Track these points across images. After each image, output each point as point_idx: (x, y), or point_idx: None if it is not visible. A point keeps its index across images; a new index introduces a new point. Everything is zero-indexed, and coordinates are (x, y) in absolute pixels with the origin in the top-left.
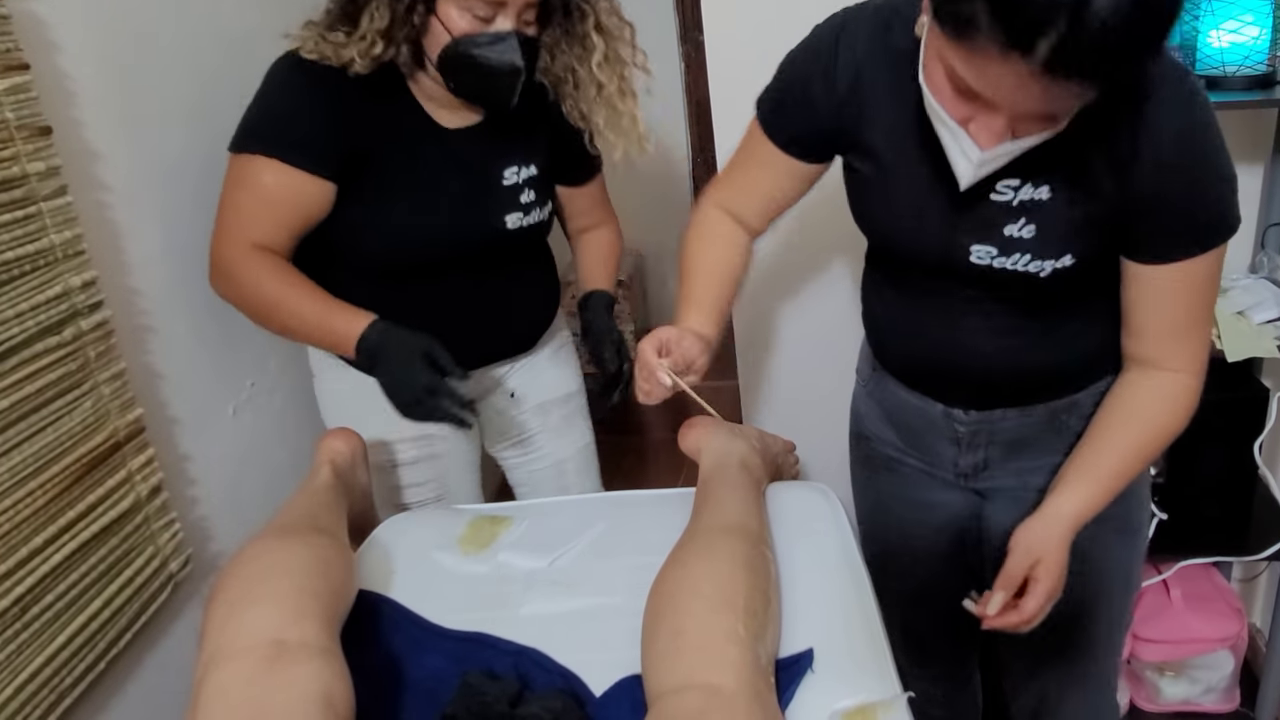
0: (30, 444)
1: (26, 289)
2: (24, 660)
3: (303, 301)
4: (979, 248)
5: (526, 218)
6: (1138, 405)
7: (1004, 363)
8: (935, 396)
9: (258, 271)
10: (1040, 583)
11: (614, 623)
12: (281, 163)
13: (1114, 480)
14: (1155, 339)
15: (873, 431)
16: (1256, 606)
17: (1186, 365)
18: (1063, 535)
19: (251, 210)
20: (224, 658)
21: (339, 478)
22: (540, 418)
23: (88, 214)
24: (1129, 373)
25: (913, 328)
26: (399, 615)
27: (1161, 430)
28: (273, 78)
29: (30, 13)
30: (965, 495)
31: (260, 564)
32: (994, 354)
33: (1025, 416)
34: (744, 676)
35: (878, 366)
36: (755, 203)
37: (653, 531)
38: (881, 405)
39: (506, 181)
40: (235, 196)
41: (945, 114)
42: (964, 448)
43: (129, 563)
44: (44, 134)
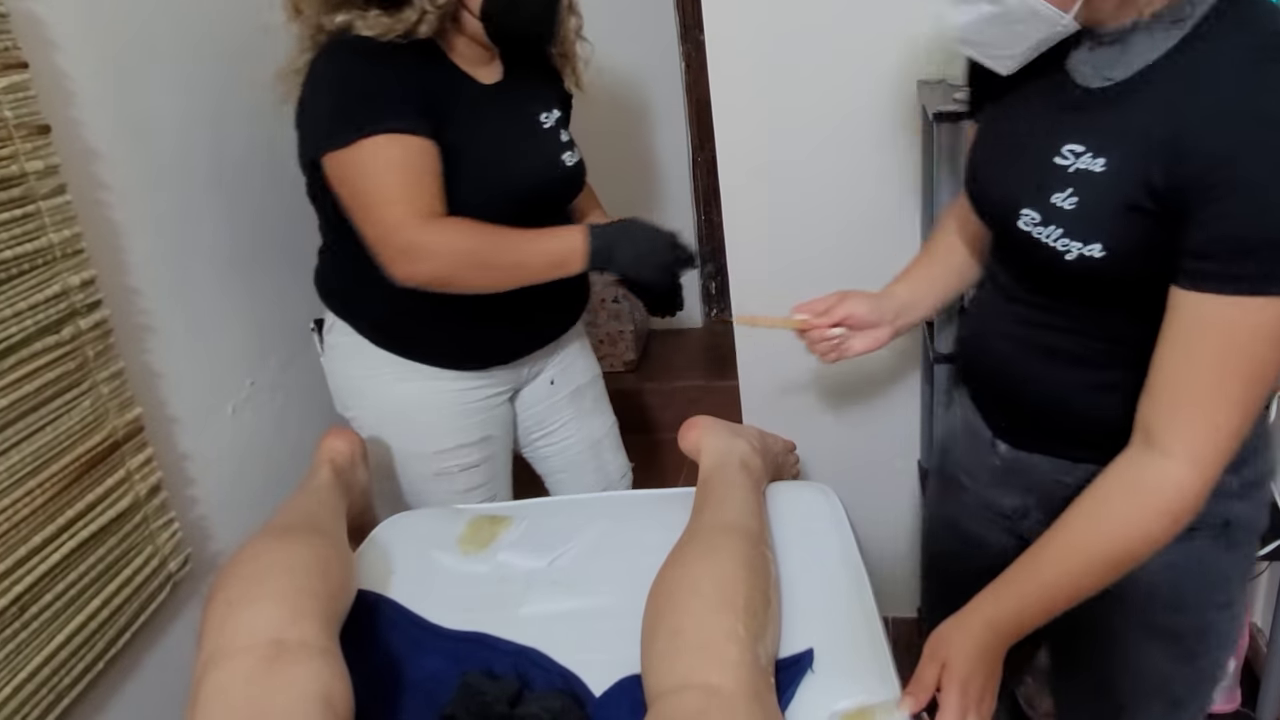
0: (29, 443)
1: (25, 288)
2: (23, 659)
3: (507, 238)
4: (1028, 211)
5: (574, 155)
6: (1104, 501)
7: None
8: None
9: (447, 234)
10: (947, 692)
11: (613, 622)
12: (398, 134)
13: (1047, 594)
14: (1160, 397)
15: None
16: (1257, 606)
17: (1184, 449)
18: (978, 637)
19: (400, 186)
20: (223, 657)
21: (338, 477)
22: (574, 404)
23: (86, 213)
24: (1124, 450)
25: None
26: (398, 615)
27: (1122, 542)
28: (335, 67)
29: (29, 12)
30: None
31: (259, 563)
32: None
33: (1062, 474)
34: (743, 676)
35: (957, 382)
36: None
37: (652, 531)
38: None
39: (545, 125)
40: (376, 183)
41: None
42: (1003, 486)
43: (128, 562)
44: (43, 133)
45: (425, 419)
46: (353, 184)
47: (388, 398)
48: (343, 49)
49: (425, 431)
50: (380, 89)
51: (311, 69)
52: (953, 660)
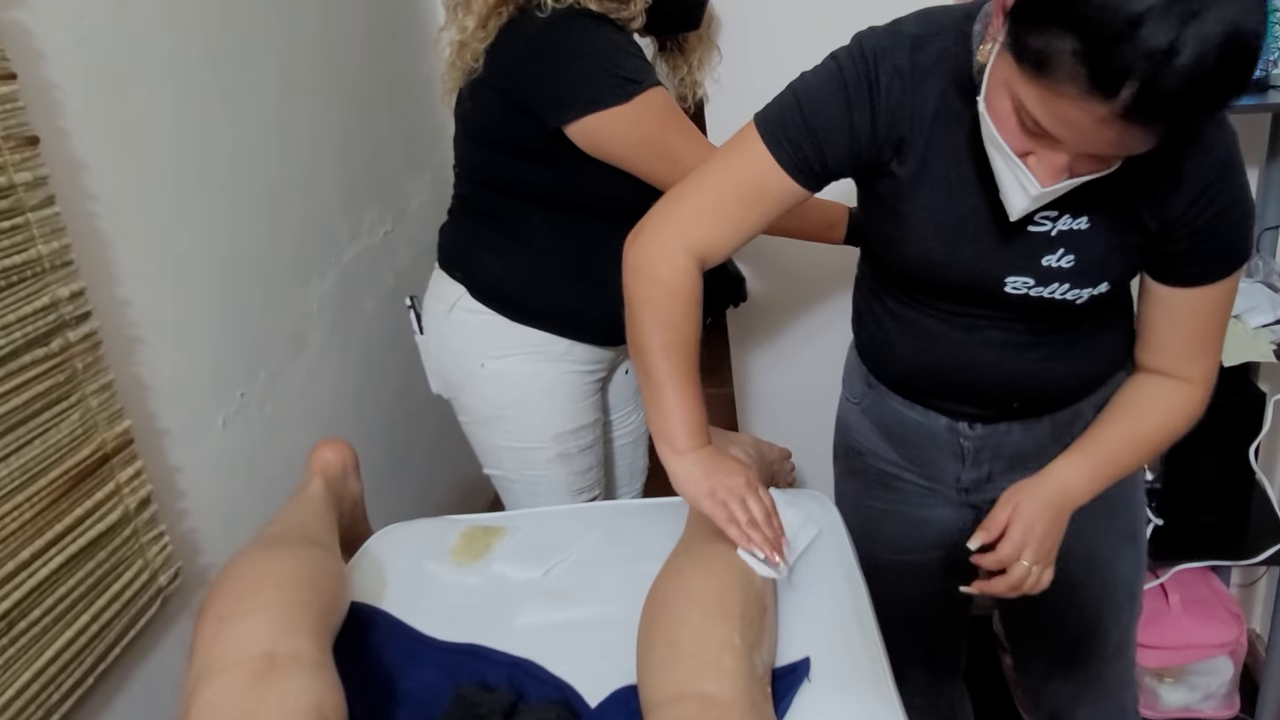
0: (17, 456)
1: (14, 300)
2: (10, 676)
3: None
4: (1015, 278)
5: None
6: (1147, 404)
7: (1020, 377)
8: (941, 411)
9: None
10: (1012, 527)
11: (609, 633)
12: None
13: (1111, 465)
14: (1172, 354)
15: (866, 447)
16: (1255, 612)
17: (1199, 379)
18: (1049, 493)
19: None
20: (214, 671)
21: (330, 488)
22: (636, 397)
23: (75, 224)
24: (1140, 375)
25: (923, 346)
26: (391, 627)
27: (1165, 431)
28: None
29: (17, 22)
30: (959, 511)
31: (250, 576)
32: (1011, 369)
33: (1030, 430)
34: (740, 686)
35: (874, 383)
36: (737, 240)
37: (647, 540)
38: (878, 422)
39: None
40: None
41: (1005, 145)
42: (968, 462)
43: (117, 576)
44: (31, 144)
45: (554, 400)
46: (646, 136)
47: (514, 378)
48: (577, 19)
49: (552, 412)
50: (630, 51)
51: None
52: (1023, 506)
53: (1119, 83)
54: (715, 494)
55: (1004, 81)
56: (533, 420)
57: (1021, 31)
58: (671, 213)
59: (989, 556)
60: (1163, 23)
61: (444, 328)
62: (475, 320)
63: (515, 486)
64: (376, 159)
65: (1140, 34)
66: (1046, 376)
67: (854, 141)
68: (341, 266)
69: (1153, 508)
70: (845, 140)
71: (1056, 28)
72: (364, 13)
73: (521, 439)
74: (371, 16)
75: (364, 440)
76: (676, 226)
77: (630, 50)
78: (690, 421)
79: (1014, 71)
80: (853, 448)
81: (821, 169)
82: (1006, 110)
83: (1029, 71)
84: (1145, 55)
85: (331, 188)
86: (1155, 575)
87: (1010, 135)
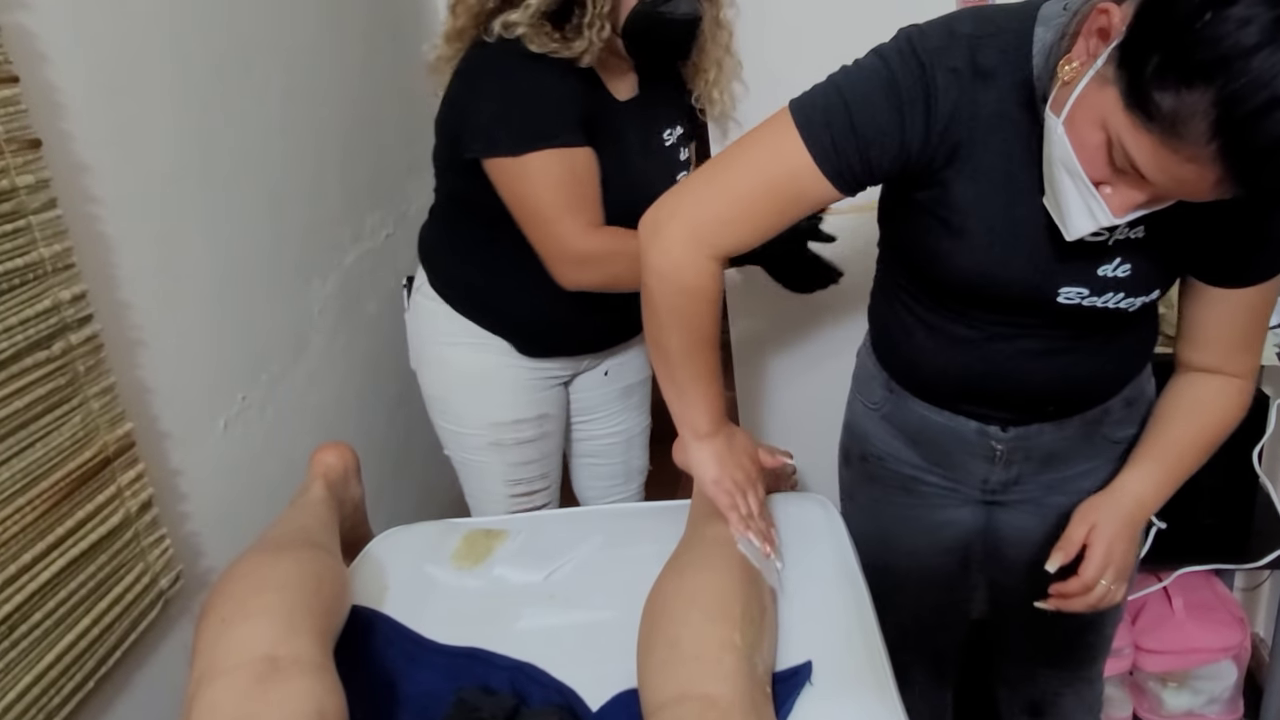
0: (19, 459)
1: (15, 303)
2: (11, 680)
3: None
4: (1069, 289)
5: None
6: (1201, 403)
7: (1056, 382)
8: (971, 416)
9: (616, 243)
10: (1093, 547)
11: (611, 636)
12: (565, 149)
13: (1180, 469)
14: (1221, 351)
15: (886, 451)
16: (1259, 616)
17: (1246, 372)
18: (1126, 508)
19: (568, 201)
20: (216, 674)
21: (331, 491)
22: (624, 399)
23: (77, 227)
24: (1187, 374)
25: (956, 355)
26: (393, 631)
27: (1224, 428)
28: (502, 72)
29: (19, 25)
30: (978, 510)
31: (252, 579)
32: (1048, 375)
33: (1061, 430)
34: (741, 687)
35: (895, 388)
36: (763, 238)
37: (649, 544)
38: (900, 426)
39: (667, 142)
40: (546, 199)
41: (1083, 172)
42: (999, 464)
43: (118, 579)
44: (33, 147)
45: (489, 390)
46: (521, 195)
47: (460, 364)
48: (510, 55)
49: (487, 402)
50: (547, 102)
51: (471, 68)
52: (1101, 523)
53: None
54: (721, 483)
55: (1100, 116)
56: (469, 406)
57: (1146, 82)
58: (696, 215)
59: (1073, 581)
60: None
61: (412, 310)
62: (431, 306)
63: (460, 469)
64: (378, 162)
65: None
66: (1082, 379)
67: (905, 149)
68: (343, 269)
69: (1156, 511)
70: (895, 148)
71: (1193, 91)
72: (366, 17)
73: (459, 423)
74: (373, 20)
75: (365, 443)
76: (702, 230)
77: (555, 97)
78: (710, 410)
79: (1120, 114)
80: (870, 454)
81: (866, 175)
82: (1095, 143)
83: (1144, 123)
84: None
85: (333, 190)
86: (1158, 579)
87: (1092, 166)
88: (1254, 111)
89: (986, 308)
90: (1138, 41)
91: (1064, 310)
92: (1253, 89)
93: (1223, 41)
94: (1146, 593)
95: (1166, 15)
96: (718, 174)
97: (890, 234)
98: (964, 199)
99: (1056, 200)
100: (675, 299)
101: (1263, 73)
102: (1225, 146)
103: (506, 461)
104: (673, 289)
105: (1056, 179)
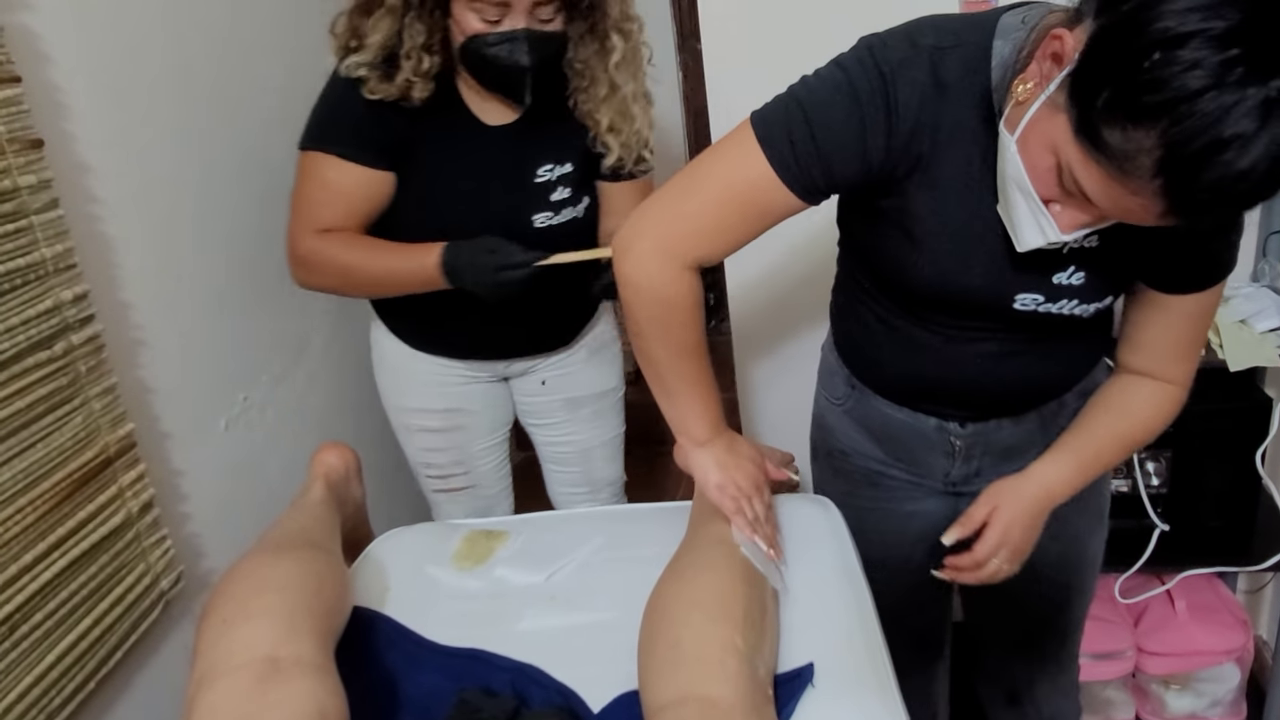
0: (20, 460)
1: (17, 303)
2: (12, 680)
3: (377, 256)
4: (1025, 296)
5: (556, 216)
6: (1130, 404)
7: (1011, 382)
8: (930, 413)
9: (330, 249)
10: (991, 528)
11: (612, 638)
12: (340, 159)
13: (1093, 464)
14: (1158, 356)
15: (850, 447)
16: (1262, 619)
17: (1180, 379)
18: (1030, 494)
19: (320, 201)
20: (217, 675)
21: (332, 492)
22: (569, 410)
23: (79, 227)
24: (1123, 376)
25: (914, 354)
26: (394, 631)
27: (1146, 430)
28: (333, 79)
29: (22, 25)
30: (946, 501)
31: (253, 580)
32: (1003, 375)
33: (1018, 424)
34: (742, 688)
35: (857, 385)
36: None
37: (650, 545)
38: (862, 422)
39: (539, 179)
40: (305, 190)
41: (1033, 191)
42: (958, 459)
43: (119, 580)
44: (35, 147)
45: (398, 377)
46: (296, 181)
47: (380, 348)
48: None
49: (395, 388)
50: (339, 114)
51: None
52: (1003, 505)
53: (1194, 200)
54: (725, 488)
55: (1051, 141)
56: (385, 389)
57: (1095, 116)
58: (664, 228)
59: (965, 556)
60: (1249, 149)
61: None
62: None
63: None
64: None
65: (1225, 157)
66: (1038, 380)
67: (866, 160)
68: None
69: (1159, 513)
70: (857, 161)
71: (1140, 129)
72: None
73: (384, 403)
74: None
75: (366, 444)
76: (671, 242)
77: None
78: (706, 416)
79: (1070, 143)
80: (835, 449)
81: (828, 186)
82: (1046, 165)
83: (1093, 154)
84: (1223, 177)
85: None
86: (1161, 581)
87: (1042, 185)
88: (1197, 153)
89: (945, 312)
90: (1089, 75)
91: (1020, 316)
92: (1197, 132)
93: (1170, 83)
94: (1149, 595)
95: (1117, 52)
96: (683, 186)
97: (850, 238)
98: (924, 208)
99: (1009, 212)
100: (653, 309)
101: (1207, 116)
102: (1168, 185)
103: (415, 445)
104: (649, 300)
105: (1009, 194)
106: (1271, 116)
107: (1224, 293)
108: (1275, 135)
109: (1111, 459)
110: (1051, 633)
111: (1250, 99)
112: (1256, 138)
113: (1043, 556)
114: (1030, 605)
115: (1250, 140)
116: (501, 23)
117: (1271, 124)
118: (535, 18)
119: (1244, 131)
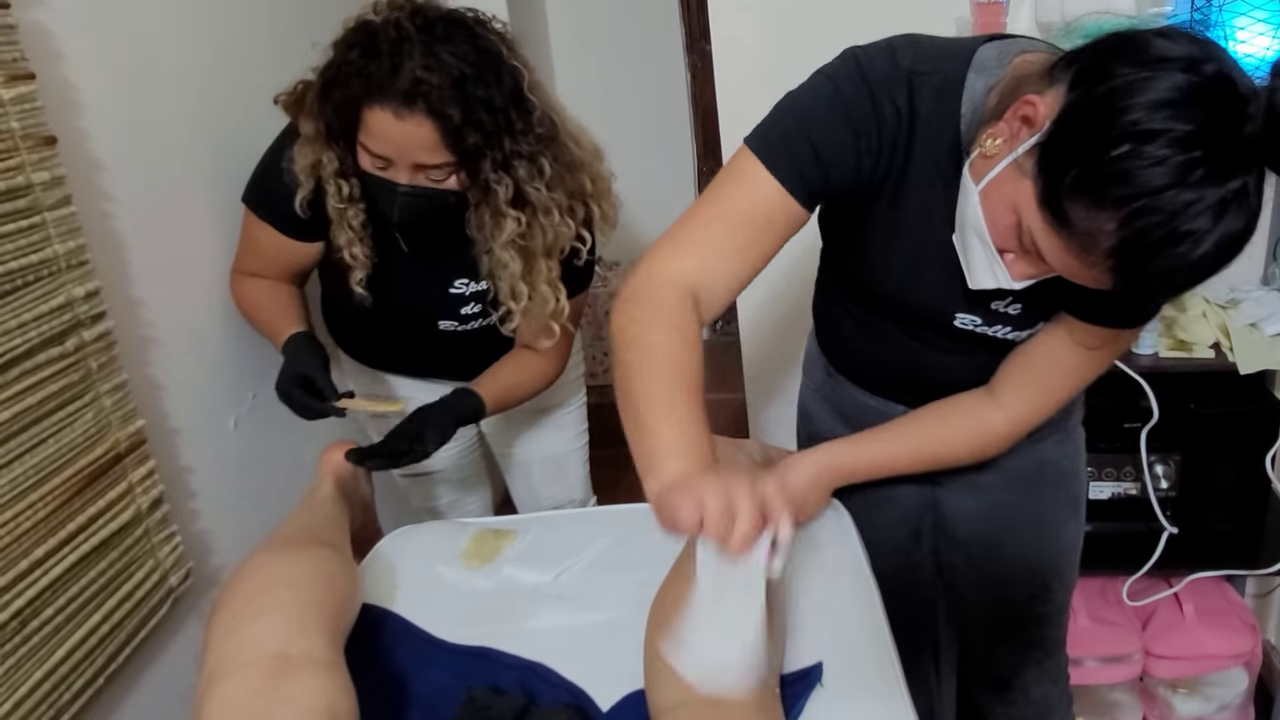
0: (31, 455)
1: (29, 299)
2: (22, 675)
3: (261, 314)
4: (965, 316)
5: (463, 326)
6: (953, 423)
7: (970, 378)
8: (898, 400)
9: (247, 292)
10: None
11: (620, 637)
12: (262, 222)
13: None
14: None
15: (827, 431)
16: (1271, 623)
17: (1016, 415)
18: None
19: (251, 251)
20: (227, 672)
21: (341, 490)
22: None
23: (91, 224)
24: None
25: (878, 347)
26: (403, 629)
27: (952, 455)
28: (277, 145)
29: (36, 22)
30: (920, 488)
31: (263, 577)
32: (963, 372)
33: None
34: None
35: (833, 372)
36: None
37: (657, 545)
38: (837, 408)
39: (454, 290)
40: (242, 236)
41: (990, 241)
42: None
43: (129, 576)
44: (49, 144)
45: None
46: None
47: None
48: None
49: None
50: (279, 198)
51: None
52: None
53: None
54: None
55: (1014, 202)
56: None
57: (1062, 194)
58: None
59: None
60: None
61: None
62: None
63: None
64: None
65: (1178, 250)
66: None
67: (859, 170)
68: None
69: (1167, 516)
70: (852, 165)
71: (1103, 215)
72: None
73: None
74: None
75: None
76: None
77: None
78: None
79: (1034, 209)
80: (814, 434)
81: (824, 193)
82: (1006, 222)
83: (1055, 225)
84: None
85: None
86: (1169, 584)
87: (999, 237)
88: (1154, 244)
89: (894, 317)
90: (1058, 151)
91: (959, 333)
92: (1156, 225)
93: (1135, 176)
94: (1158, 598)
95: (1088, 136)
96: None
97: (827, 238)
98: (885, 223)
99: (965, 251)
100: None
101: (1166, 212)
102: (1120, 265)
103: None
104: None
105: (966, 236)
106: (1225, 215)
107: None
108: (1224, 232)
109: (908, 468)
110: (1032, 618)
111: (1208, 199)
112: (1209, 234)
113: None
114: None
115: (1203, 236)
116: (387, 171)
117: (1224, 222)
118: (425, 175)
119: (1199, 229)
